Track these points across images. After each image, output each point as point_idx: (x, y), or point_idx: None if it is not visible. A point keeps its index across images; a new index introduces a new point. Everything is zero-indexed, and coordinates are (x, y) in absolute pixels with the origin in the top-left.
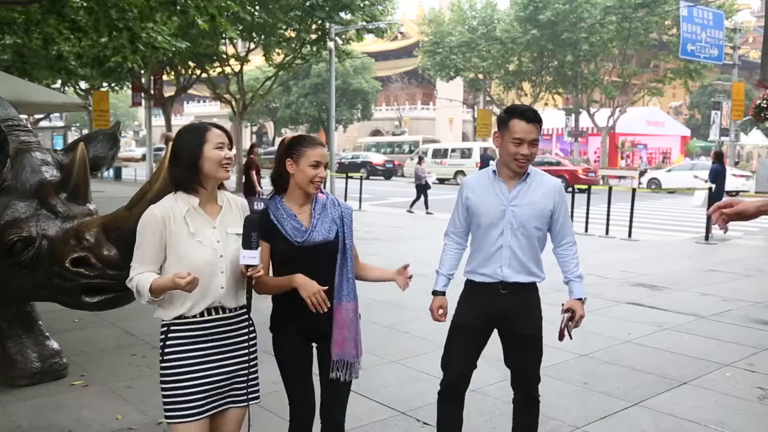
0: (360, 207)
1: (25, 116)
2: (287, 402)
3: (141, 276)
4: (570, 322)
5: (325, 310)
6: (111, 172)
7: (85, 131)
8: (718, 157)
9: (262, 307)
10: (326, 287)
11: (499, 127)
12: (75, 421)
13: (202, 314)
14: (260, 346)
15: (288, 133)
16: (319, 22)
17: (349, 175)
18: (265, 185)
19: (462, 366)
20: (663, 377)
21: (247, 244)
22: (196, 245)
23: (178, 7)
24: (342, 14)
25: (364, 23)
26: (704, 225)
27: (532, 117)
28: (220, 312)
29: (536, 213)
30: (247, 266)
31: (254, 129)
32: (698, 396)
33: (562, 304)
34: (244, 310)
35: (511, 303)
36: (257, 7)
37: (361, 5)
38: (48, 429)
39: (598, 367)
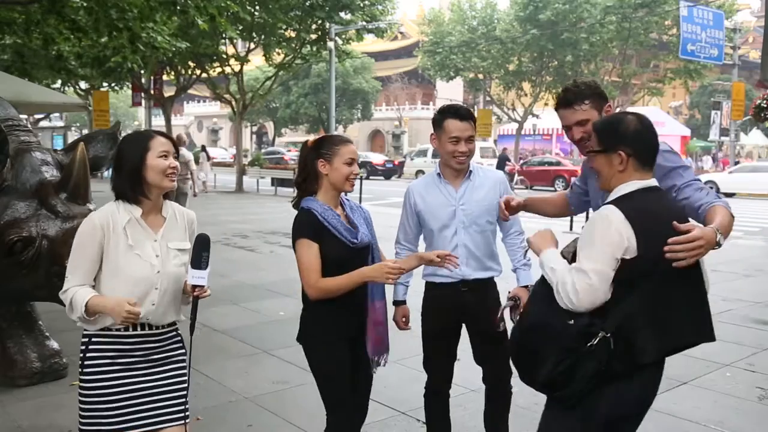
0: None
1: (25, 116)
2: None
3: (77, 291)
4: (515, 310)
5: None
6: (111, 172)
7: (85, 131)
8: None
9: (262, 307)
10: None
11: (435, 129)
12: (75, 422)
13: (126, 328)
14: (260, 345)
15: (288, 132)
16: (319, 22)
17: None
18: (263, 187)
19: (441, 367)
20: (663, 377)
21: (197, 263)
22: (134, 258)
23: (178, 7)
24: (342, 14)
25: (364, 23)
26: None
27: (465, 115)
28: (147, 328)
29: (486, 208)
30: (194, 287)
31: (254, 129)
32: (698, 396)
33: (509, 292)
34: (175, 326)
35: (473, 300)
36: (257, 7)
37: (361, 5)
38: (48, 429)
39: None
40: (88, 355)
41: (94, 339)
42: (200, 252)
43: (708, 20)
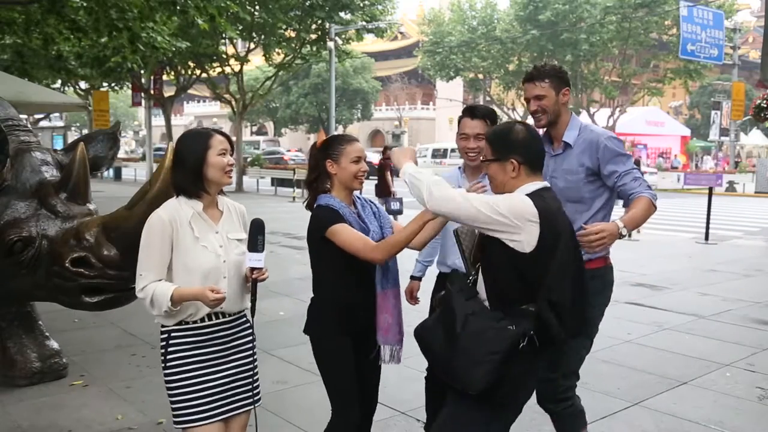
0: None
1: (25, 116)
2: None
3: (157, 285)
4: None
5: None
6: (111, 172)
7: (85, 131)
8: None
9: (262, 307)
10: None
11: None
12: (75, 421)
13: (203, 319)
14: (260, 345)
15: (288, 132)
16: (319, 22)
17: None
18: (263, 186)
19: None
20: (663, 377)
21: (253, 246)
22: (201, 250)
23: (178, 7)
24: (342, 14)
25: (364, 23)
26: (704, 225)
27: (478, 114)
28: (221, 317)
29: None
30: (252, 269)
31: (254, 129)
32: (698, 396)
33: None
34: (243, 314)
35: None
36: (257, 7)
37: (361, 5)
38: (48, 429)
39: (598, 367)
40: (170, 349)
41: (174, 333)
42: (256, 235)
43: (708, 20)
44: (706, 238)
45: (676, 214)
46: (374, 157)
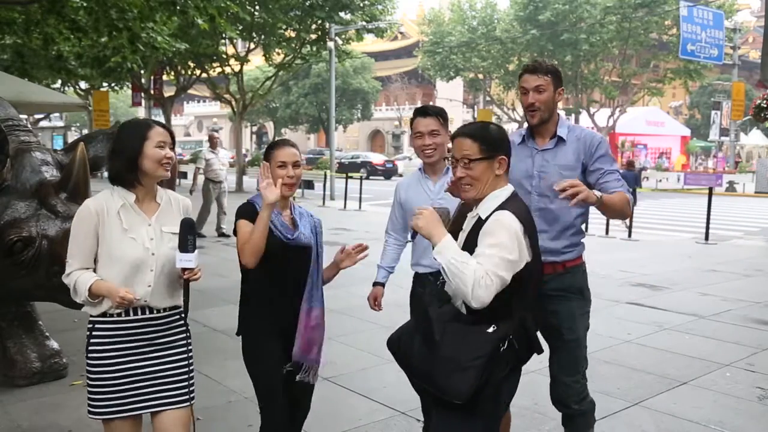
0: (360, 207)
1: (25, 116)
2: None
3: (81, 275)
4: None
5: None
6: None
7: (85, 131)
8: None
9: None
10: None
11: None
12: (75, 421)
13: (127, 313)
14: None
15: (288, 133)
16: (319, 22)
17: (349, 175)
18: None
19: None
20: (663, 377)
21: (183, 247)
22: (129, 241)
23: (178, 7)
24: (342, 14)
25: (364, 23)
26: (704, 225)
27: (430, 112)
28: (147, 312)
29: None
30: (184, 269)
31: (254, 129)
32: (698, 396)
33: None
34: (177, 311)
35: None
36: (257, 7)
37: (361, 5)
38: (48, 429)
39: (598, 367)
40: (92, 341)
41: (97, 325)
42: (186, 235)
43: (708, 20)
44: (706, 238)
45: (676, 214)
46: (375, 158)
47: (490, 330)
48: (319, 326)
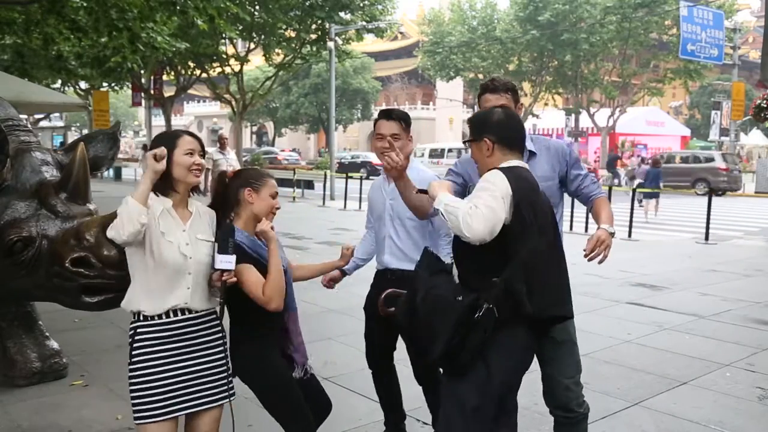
0: (360, 207)
1: (25, 116)
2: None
3: (120, 210)
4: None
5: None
6: (111, 172)
7: (85, 131)
8: None
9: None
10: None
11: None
12: (75, 421)
13: (168, 314)
14: None
15: (288, 132)
16: (319, 22)
17: (349, 175)
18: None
19: (373, 346)
20: (663, 377)
21: (224, 249)
22: (166, 244)
23: (178, 7)
24: (342, 14)
25: (364, 23)
26: (704, 225)
27: (393, 116)
28: (186, 313)
29: None
30: (222, 271)
31: (254, 129)
32: (698, 396)
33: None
34: (212, 312)
35: (398, 288)
36: (257, 7)
37: (361, 5)
38: (48, 429)
39: (598, 367)
40: (135, 345)
41: (139, 330)
42: (226, 238)
43: (708, 20)
44: (706, 238)
45: (676, 214)
46: (374, 158)
47: (459, 299)
48: (299, 328)
